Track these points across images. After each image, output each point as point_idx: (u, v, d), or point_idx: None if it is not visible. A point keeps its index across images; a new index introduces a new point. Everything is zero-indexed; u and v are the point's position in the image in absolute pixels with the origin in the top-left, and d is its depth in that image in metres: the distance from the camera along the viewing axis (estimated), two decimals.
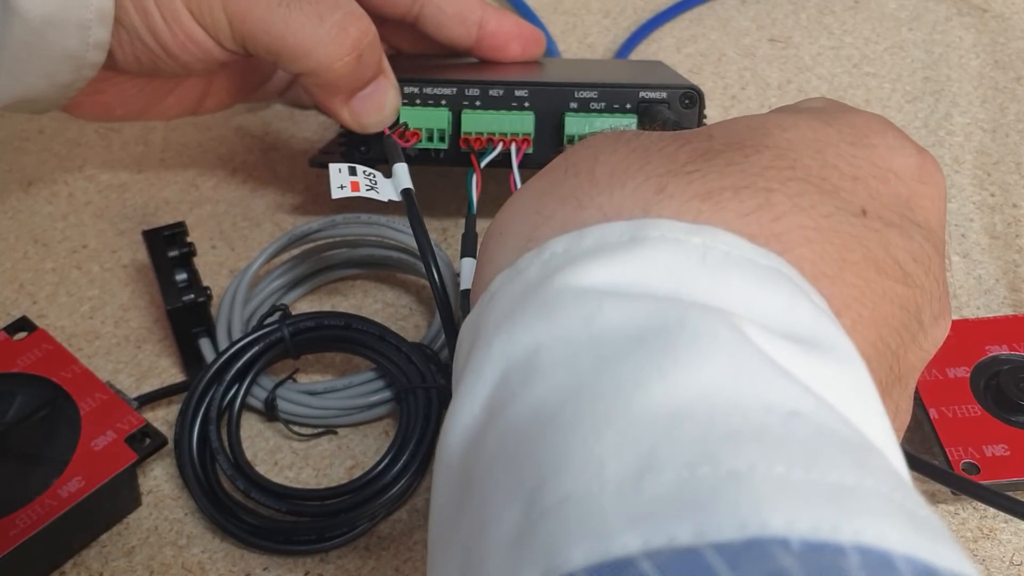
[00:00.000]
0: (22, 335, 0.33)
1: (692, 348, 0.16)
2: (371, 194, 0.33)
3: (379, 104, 0.35)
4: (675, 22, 0.54)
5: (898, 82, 0.49)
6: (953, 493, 0.31)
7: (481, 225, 0.42)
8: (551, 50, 0.49)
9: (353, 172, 0.33)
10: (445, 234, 0.41)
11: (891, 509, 0.13)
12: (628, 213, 0.19)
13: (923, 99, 0.48)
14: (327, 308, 0.38)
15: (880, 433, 0.17)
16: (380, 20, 0.36)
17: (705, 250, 0.18)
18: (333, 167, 0.33)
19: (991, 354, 0.33)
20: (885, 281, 0.20)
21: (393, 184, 0.33)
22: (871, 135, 0.22)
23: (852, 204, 0.20)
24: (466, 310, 0.32)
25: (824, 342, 0.17)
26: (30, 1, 0.29)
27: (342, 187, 0.33)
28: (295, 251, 0.38)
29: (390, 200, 0.33)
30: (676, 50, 0.52)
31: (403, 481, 0.31)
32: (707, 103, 0.37)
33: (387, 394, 0.34)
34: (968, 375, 0.33)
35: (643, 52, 0.52)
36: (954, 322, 0.35)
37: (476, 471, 0.16)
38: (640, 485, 0.13)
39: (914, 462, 0.26)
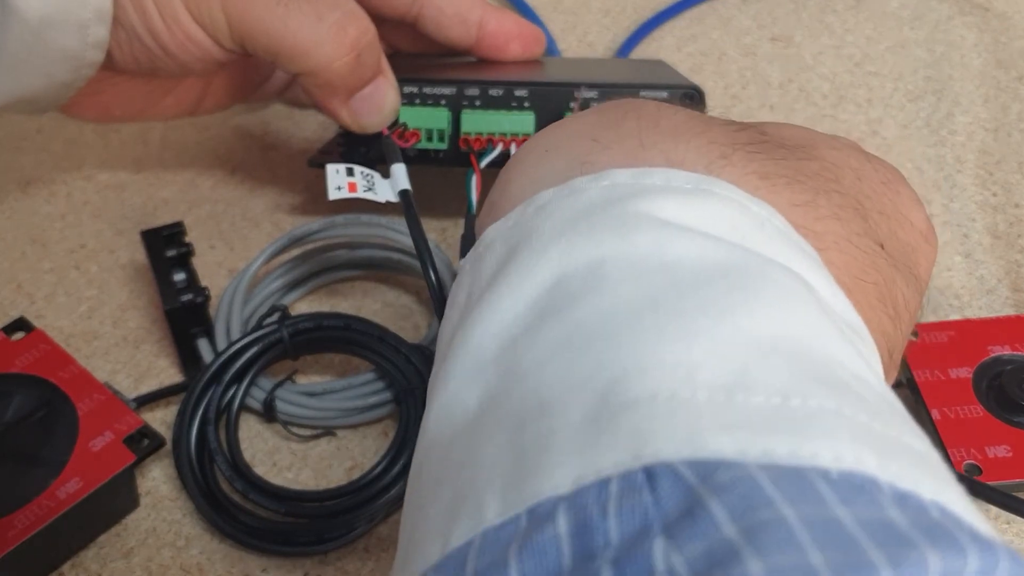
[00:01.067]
0: (20, 335, 0.33)
1: (772, 292, 0.17)
2: (368, 195, 0.33)
3: (378, 104, 0.35)
4: (676, 21, 0.54)
5: (900, 81, 0.49)
6: None
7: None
8: (551, 49, 0.49)
9: (351, 173, 0.33)
10: (444, 234, 0.41)
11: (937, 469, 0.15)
12: (692, 166, 0.20)
13: (925, 98, 0.48)
14: (326, 308, 0.38)
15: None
16: (379, 20, 0.36)
17: (763, 220, 0.19)
18: (330, 168, 0.33)
19: (993, 355, 0.33)
20: (882, 313, 0.21)
21: (391, 185, 0.33)
22: (898, 183, 0.24)
23: (876, 234, 0.22)
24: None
25: (859, 331, 0.19)
26: (28, 1, 0.29)
27: (339, 188, 0.32)
28: (295, 252, 0.38)
29: (388, 201, 0.33)
30: (677, 49, 0.52)
31: (402, 483, 0.31)
32: (708, 102, 0.37)
33: (386, 395, 0.33)
34: (970, 376, 0.33)
35: (644, 51, 0.52)
36: (956, 322, 0.35)
37: (524, 362, 0.16)
38: (732, 398, 0.14)
39: None
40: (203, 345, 0.34)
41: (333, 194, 0.32)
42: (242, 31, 0.32)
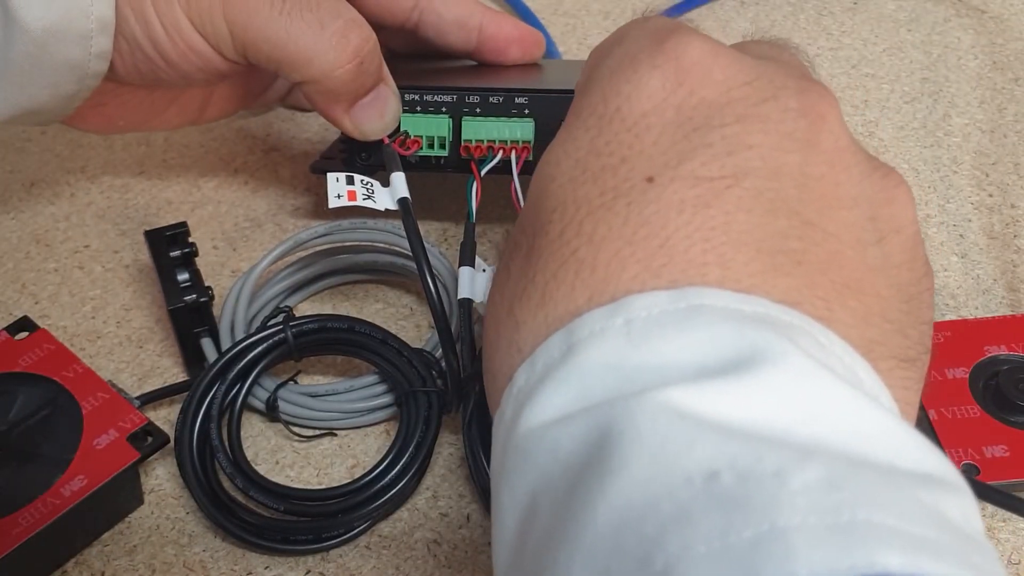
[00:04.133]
0: (23, 335, 0.33)
1: (620, 450, 0.16)
2: (368, 203, 0.33)
3: (380, 111, 0.35)
4: None
5: (896, 83, 0.50)
6: None
7: (481, 229, 0.42)
8: (551, 52, 0.50)
9: (351, 181, 0.33)
10: (445, 234, 0.42)
11: (812, 539, 0.13)
12: (554, 324, 0.19)
13: (921, 100, 0.49)
14: (329, 309, 0.38)
15: (836, 402, 0.17)
16: (378, 26, 0.36)
17: (627, 326, 0.18)
18: (331, 176, 0.33)
19: (990, 355, 0.33)
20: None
21: (390, 193, 0.33)
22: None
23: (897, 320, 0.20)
24: (464, 318, 0.32)
25: (755, 353, 0.17)
26: (31, 12, 0.29)
27: (339, 196, 0.33)
28: (300, 254, 0.38)
29: (387, 209, 0.33)
30: None
31: (401, 484, 0.31)
32: None
33: (387, 398, 0.34)
34: (967, 376, 0.33)
35: None
36: (952, 322, 0.35)
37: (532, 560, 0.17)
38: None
39: None
40: (207, 345, 0.34)
41: (333, 202, 0.33)
42: (244, 40, 0.32)
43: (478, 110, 0.36)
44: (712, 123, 0.20)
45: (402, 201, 0.33)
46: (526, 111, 0.36)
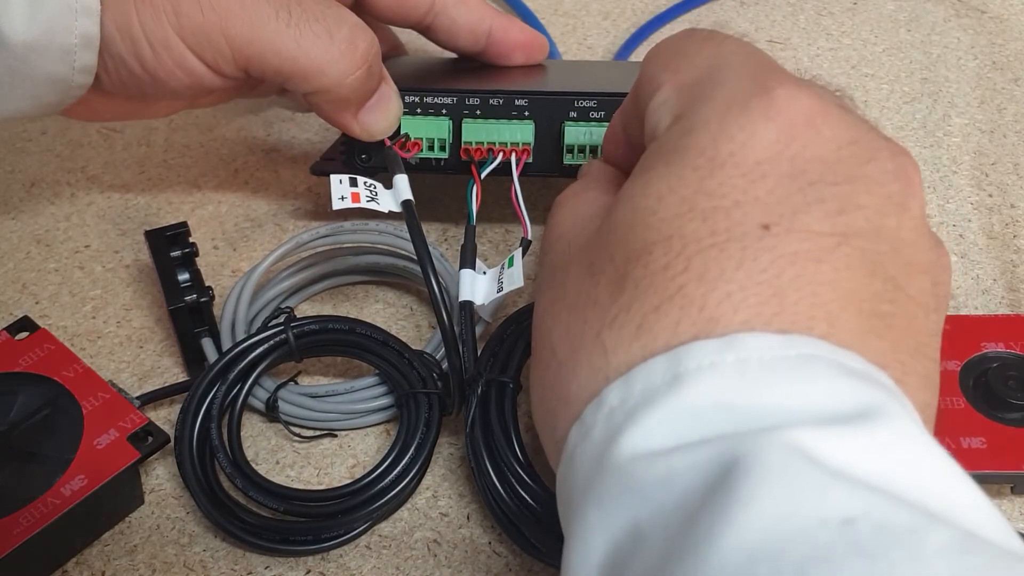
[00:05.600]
0: (24, 335, 0.33)
1: (750, 485, 0.16)
2: (371, 205, 0.33)
3: (385, 111, 0.35)
4: (674, 24, 0.54)
5: (896, 83, 0.50)
6: None
7: (480, 229, 0.42)
8: (551, 52, 0.50)
9: (354, 183, 0.33)
10: (446, 234, 0.42)
11: None
12: (651, 352, 0.19)
13: (921, 100, 0.49)
14: (329, 309, 0.38)
15: (940, 470, 0.17)
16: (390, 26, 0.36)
17: (740, 364, 0.18)
18: (334, 178, 0.33)
19: (984, 351, 0.34)
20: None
21: (393, 195, 0.34)
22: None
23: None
24: (464, 320, 0.32)
25: (870, 409, 0.18)
26: (12, 27, 0.29)
27: (343, 198, 0.33)
28: (302, 254, 0.38)
29: (390, 211, 0.33)
30: None
31: (401, 485, 0.31)
32: None
33: (387, 400, 0.34)
34: (958, 369, 0.33)
35: (643, 54, 0.52)
36: (952, 317, 0.35)
37: None
38: None
39: None
40: (207, 345, 0.34)
41: (337, 204, 0.33)
42: (249, 55, 0.32)
43: (478, 112, 0.36)
44: (825, 179, 0.20)
45: (406, 203, 0.33)
46: (526, 113, 0.36)
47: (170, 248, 0.35)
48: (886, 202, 0.20)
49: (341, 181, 0.33)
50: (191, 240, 0.35)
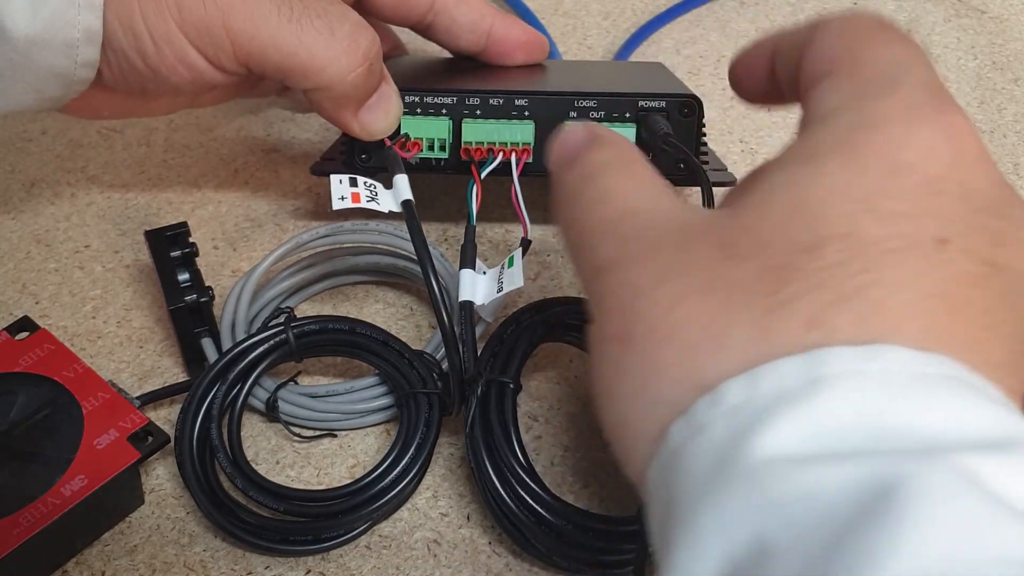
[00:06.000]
0: (24, 335, 0.33)
1: (916, 512, 0.15)
2: (371, 205, 0.33)
3: (385, 110, 0.35)
4: (674, 24, 0.55)
5: None
6: None
7: (480, 229, 0.42)
8: (551, 52, 0.50)
9: (354, 183, 0.34)
10: (446, 234, 0.42)
11: None
12: (784, 349, 0.18)
13: None
14: (329, 309, 0.39)
15: None
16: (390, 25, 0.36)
17: (885, 376, 0.17)
18: (334, 178, 0.33)
19: None
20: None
21: (393, 195, 0.34)
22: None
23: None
24: (464, 320, 0.32)
25: (1015, 437, 0.17)
26: (14, 21, 0.29)
27: (343, 198, 0.33)
28: (302, 254, 0.38)
29: (390, 211, 0.33)
30: (675, 52, 0.53)
31: (401, 486, 0.31)
32: (706, 104, 0.37)
33: (387, 400, 0.34)
34: None
35: (642, 54, 0.52)
36: None
37: None
38: None
39: None
40: (207, 345, 0.34)
41: (337, 204, 0.33)
42: (250, 51, 0.32)
43: (478, 112, 0.36)
44: (988, 210, 0.20)
45: (406, 203, 0.33)
46: (526, 113, 0.36)
47: (170, 248, 0.35)
48: (1020, 246, 0.21)
49: (341, 181, 0.33)
50: (191, 240, 0.35)
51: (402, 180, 0.34)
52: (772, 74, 0.27)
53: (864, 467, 0.16)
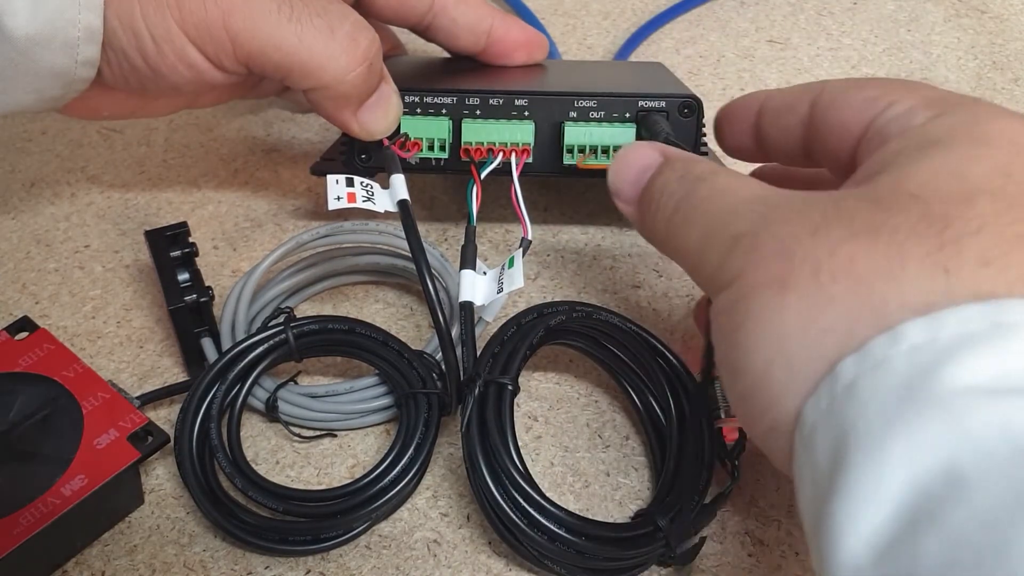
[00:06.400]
0: (23, 335, 0.33)
1: None
2: (367, 205, 0.33)
3: (384, 110, 0.35)
4: (674, 23, 0.55)
5: None
6: None
7: (481, 229, 0.42)
8: (551, 52, 0.50)
9: (350, 184, 0.33)
10: (446, 234, 0.42)
11: None
12: (962, 294, 0.19)
13: None
14: (329, 308, 0.39)
15: None
16: (389, 26, 0.36)
17: None
18: (331, 179, 0.33)
19: None
20: None
21: (390, 195, 0.34)
22: None
23: None
24: (465, 320, 0.32)
25: None
26: (14, 20, 0.29)
27: (339, 198, 0.33)
28: (303, 254, 0.38)
29: (386, 211, 0.33)
30: (675, 51, 0.53)
31: (400, 486, 0.31)
32: (706, 104, 0.37)
33: (387, 400, 0.34)
34: None
35: (642, 54, 0.52)
36: None
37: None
38: None
39: None
40: (207, 344, 0.34)
41: (333, 204, 0.33)
42: (250, 50, 0.32)
43: (478, 112, 0.36)
44: None
45: (402, 203, 0.33)
46: (526, 113, 0.36)
47: (170, 248, 0.35)
48: None
49: (338, 181, 0.33)
50: (191, 240, 0.35)
51: (399, 180, 0.34)
52: (756, 129, 0.29)
53: None
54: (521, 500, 0.29)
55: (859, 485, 0.18)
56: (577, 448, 0.34)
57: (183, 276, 0.34)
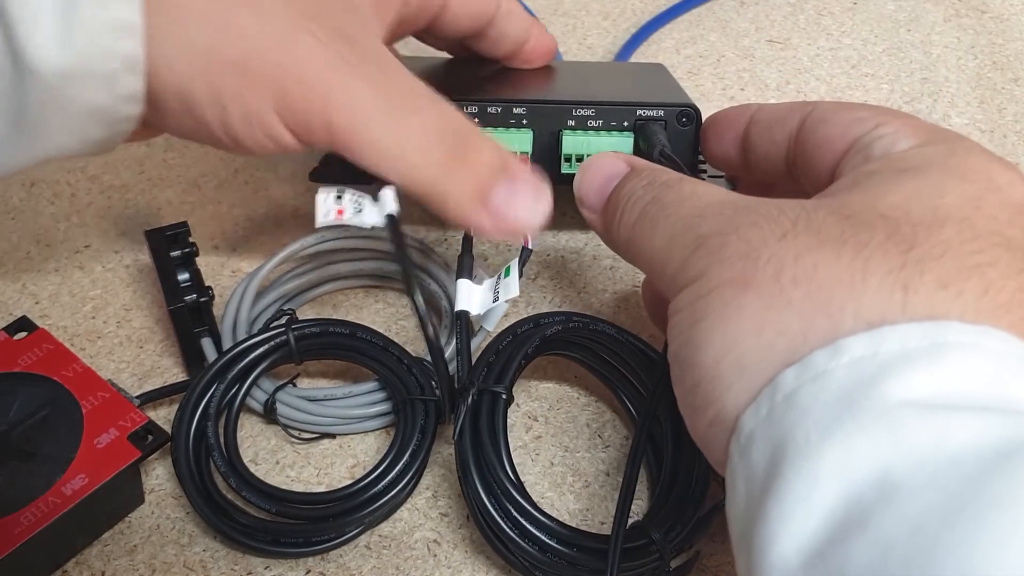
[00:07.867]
0: (22, 335, 0.33)
1: None
2: (356, 220, 0.32)
3: (525, 193, 0.29)
4: (674, 24, 0.55)
5: (896, 83, 0.50)
6: None
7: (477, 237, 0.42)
8: None
9: (339, 198, 0.33)
10: (446, 234, 0.42)
11: None
12: (912, 314, 0.20)
13: (921, 100, 0.49)
14: (330, 309, 0.38)
15: None
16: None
17: (1001, 356, 0.19)
18: (320, 195, 0.32)
19: None
20: None
21: (379, 208, 0.33)
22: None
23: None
24: (460, 330, 0.32)
25: None
26: (45, 53, 0.24)
27: (327, 215, 0.32)
28: (307, 254, 0.38)
29: (373, 227, 0.32)
30: (675, 51, 0.53)
31: (395, 491, 0.31)
32: (706, 104, 0.37)
33: (385, 406, 0.34)
34: None
35: (643, 54, 0.52)
36: None
37: None
38: None
39: None
40: (207, 345, 0.34)
41: (321, 221, 0.31)
42: (348, 144, 0.28)
43: (476, 121, 0.36)
44: None
45: (389, 218, 0.32)
46: (524, 122, 0.36)
47: (170, 248, 0.35)
48: None
49: (326, 198, 0.32)
50: (191, 240, 0.35)
51: (388, 193, 0.33)
52: (744, 139, 0.29)
53: (994, 421, 0.17)
54: (513, 510, 0.28)
55: (793, 491, 0.18)
56: (577, 448, 0.34)
57: (183, 276, 0.34)
